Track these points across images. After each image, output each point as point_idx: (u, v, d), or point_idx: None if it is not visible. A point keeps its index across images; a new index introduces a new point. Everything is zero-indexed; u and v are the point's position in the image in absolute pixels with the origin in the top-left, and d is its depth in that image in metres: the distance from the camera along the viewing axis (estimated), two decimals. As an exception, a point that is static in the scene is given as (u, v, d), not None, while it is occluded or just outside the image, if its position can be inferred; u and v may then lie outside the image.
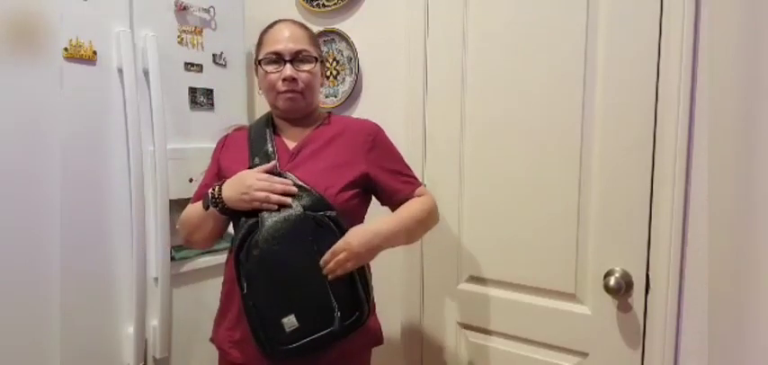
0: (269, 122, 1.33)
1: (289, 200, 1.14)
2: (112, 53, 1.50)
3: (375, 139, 1.30)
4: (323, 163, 1.24)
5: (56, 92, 1.40)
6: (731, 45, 1.11)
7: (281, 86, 1.25)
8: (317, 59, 1.30)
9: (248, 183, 1.16)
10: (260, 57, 1.29)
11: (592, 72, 1.34)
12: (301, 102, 1.28)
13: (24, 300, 1.37)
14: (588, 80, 1.34)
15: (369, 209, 1.32)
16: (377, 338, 1.31)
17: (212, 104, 1.77)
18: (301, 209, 1.14)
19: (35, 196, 1.38)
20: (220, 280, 1.32)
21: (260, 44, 1.32)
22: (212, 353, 1.32)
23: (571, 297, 1.42)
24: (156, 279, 1.58)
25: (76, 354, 1.46)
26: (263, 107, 2.09)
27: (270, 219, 1.14)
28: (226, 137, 1.39)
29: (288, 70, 1.24)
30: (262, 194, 1.15)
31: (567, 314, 1.42)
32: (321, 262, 1.12)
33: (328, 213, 1.16)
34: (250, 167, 1.23)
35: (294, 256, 1.13)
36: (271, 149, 1.26)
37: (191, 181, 1.67)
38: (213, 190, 1.21)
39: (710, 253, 1.19)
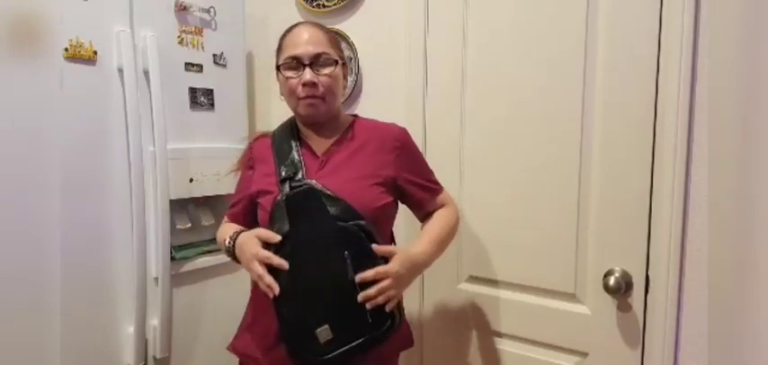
0: (293, 128, 1.32)
1: (276, 287, 1.11)
2: (113, 53, 1.50)
3: (403, 146, 1.29)
4: (353, 171, 1.22)
5: (56, 92, 1.40)
6: (731, 43, 1.11)
7: (300, 92, 1.22)
8: (337, 62, 1.25)
9: (247, 256, 1.16)
10: (279, 63, 1.26)
11: (591, 71, 1.34)
12: (322, 107, 1.24)
13: (24, 300, 1.37)
14: (588, 79, 1.34)
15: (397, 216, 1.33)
16: (408, 340, 1.33)
17: (212, 104, 1.77)
18: (333, 220, 1.13)
19: (35, 196, 1.38)
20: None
21: (279, 49, 1.29)
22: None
23: (571, 296, 1.42)
24: (157, 279, 1.58)
25: (76, 354, 1.46)
26: (261, 107, 2.10)
27: (302, 231, 1.14)
28: (251, 147, 1.38)
29: (307, 75, 1.21)
30: (255, 274, 1.15)
31: (567, 313, 1.42)
32: (357, 278, 1.09)
33: (359, 222, 1.13)
34: (280, 180, 1.21)
35: (326, 267, 1.12)
36: (297, 157, 1.25)
37: (191, 181, 1.67)
38: (229, 242, 1.24)
39: (710, 252, 1.19)
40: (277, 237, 1.14)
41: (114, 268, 1.54)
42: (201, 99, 1.74)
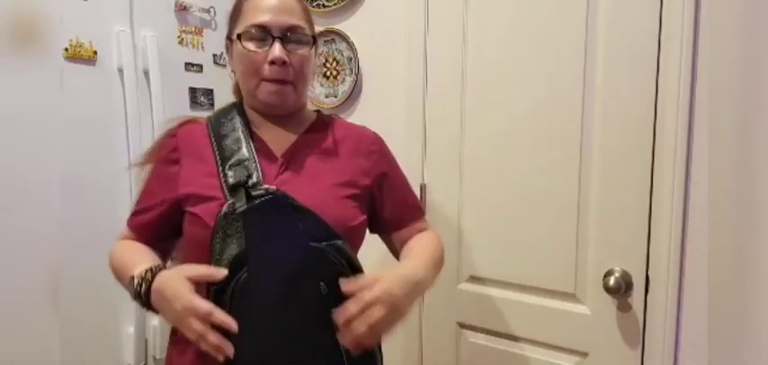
0: (241, 116, 1.04)
1: (230, 348, 0.82)
2: (113, 53, 1.50)
3: (381, 151, 1.10)
4: (324, 178, 1.00)
5: (56, 92, 1.40)
6: (731, 42, 1.11)
7: (266, 71, 0.97)
8: (313, 41, 1.03)
9: (176, 311, 0.83)
10: (239, 31, 0.99)
11: (591, 71, 1.34)
12: (291, 95, 1.01)
13: (24, 300, 1.37)
14: (588, 79, 1.34)
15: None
16: None
17: (213, 104, 1.77)
18: (304, 239, 0.89)
19: (35, 196, 1.38)
20: None
21: (237, 12, 1.02)
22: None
23: (571, 296, 1.42)
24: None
25: (76, 354, 1.46)
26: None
27: (264, 254, 0.88)
28: (175, 134, 1.05)
29: (276, 50, 0.95)
30: (192, 334, 0.83)
31: (567, 313, 1.42)
32: (338, 316, 0.83)
33: (336, 242, 0.91)
34: (229, 185, 0.92)
35: (294, 302, 0.87)
36: (248, 155, 0.96)
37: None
38: (140, 283, 0.90)
39: (710, 252, 1.19)
40: (221, 274, 0.85)
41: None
42: (202, 99, 1.74)
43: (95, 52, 1.46)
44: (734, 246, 1.14)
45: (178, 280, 0.85)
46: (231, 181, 0.92)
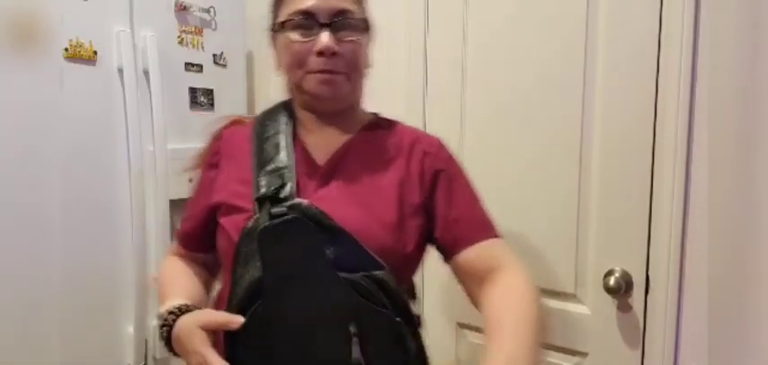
0: (288, 116, 0.92)
1: None
2: (113, 53, 1.50)
3: (444, 163, 0.92)
4: (370, 193, 0.84)
5: (56, 92, 1.40)
6: (731, 42, 1.11)
7: (313, 63, 0.84)
8: (364, 25, 0.90)
9: (188, 352, 0.76)
10: (282, 20, 0.87)
11: (591, 71, 1.34)
12: (344, 88, 0.86)
13: (25, 300, 1.37)
14: (588, 79, 1.34)
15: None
16: None
17: (212, 104, 1.77)
18: (330, 269, 0.74)
19: (35, 196, 1.38)
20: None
21: (279, 1, 0.91)
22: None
23: (571, 296, 1.42)
24: (157, 278, 1.58)
25: (76, 354, 1.46)
26: (262, 107, 2.09)
27: (279, 280, 0.75)
28: (220, 136, 0.98)
29: (324, 39, 0.82)
30: None
31: (567, 313, 1.42)
32: None
33: (376, 273, 0.75)
34: (257, 196, 0.81)
35: (317, 350, 0.74)
36: (286, 161, 0.84)
37: (190, 181, 1.67)
38: (163, 326, 0.81)
39: (710, 252, 1.19)
40: (236, 323, 0.74)
41: (114, 268, 1.54)
42: (201, 99, 1.74)
43: (95, 52, 1.46)
44: (734, 246, 1.14)
45: (192, 331, 0.75)
46: (262, 190, 0.81)
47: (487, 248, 0.87)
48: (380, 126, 0.95)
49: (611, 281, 1.31)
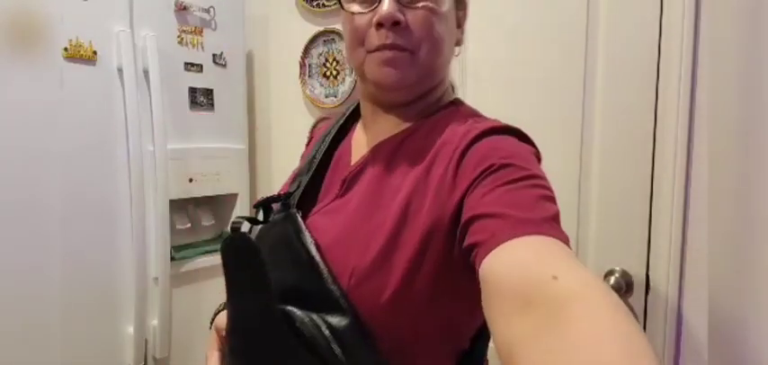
0: (353, 111, 0.82)
1: None
2: (112, 53, 1.50)
3: (469, 150, 0.63)
4: (364, 218, 0.65)
5: (56, 92, 1.39)
6: (731, 42, 1.11)
7: (373, 39, 0.66)
8: None
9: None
10: None
11: (592, 71, 1.34)
12: (410, 69, 0.67)
13: (25, 300, 1.37)
14: (588, 79, 1.34)
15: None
16: None
17: (212, 104, 1.77)
18: (267, 296, 0.61)
19: (35, 195, 1.38)
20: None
21: None
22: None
23: (571, 297, 1.42)
24: (156, 279, 1.58)
25: (76, 354, 1.46)
26: (261, 107, 2.10)
27: (230, 302, 0.67)
28: (311, 135, 0.93)
29: (385, 6, 0.64)
30: None
31: (567, 314, 1.42)
32: None
33: (329, 318, 0.59)
34: (255, 204, 0.75)
35: None
36: (306, 167, 0.76)
37: (190, 181, 1.67)
38: (212, 318, 0.76)
39: (710, 253, 1.19)
40: (222, 329, 0.70)
41: (114, 268, 1.54)
42: (201, 99, 1.74)
43: (95, 52, 1.46)
44: (734, 246, 1.14)
45: (212, 331, 0.73)
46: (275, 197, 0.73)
47: (532, 250, 0.48)
48: (443, 117, 0.71)
49: (612, 281, 1.31)
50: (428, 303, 0.61)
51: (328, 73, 1.83)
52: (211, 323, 0.75)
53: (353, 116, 0.82)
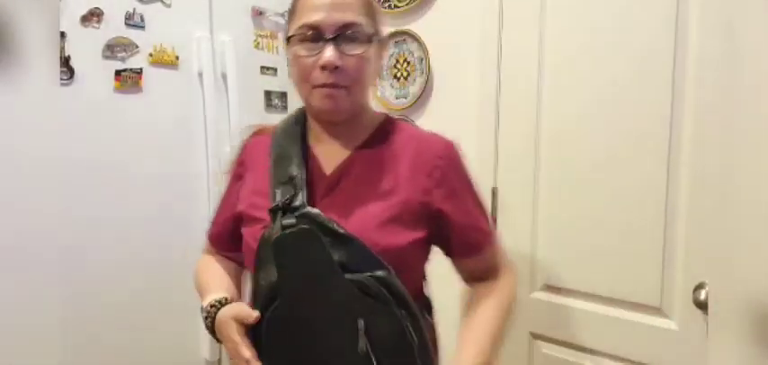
0: (302, 125, 0.98)
1: None
2: (193, 58, 1.57)
3: (447, 170, 0.93)
4: (371, 198, 0.89)
5: (138, 95, 1.47)
6: None
7: (317, 77, 0.86)
8: (372, 37, 0.90)
9: (229, 350, 0.89)
10: (291, 33, 0.90)
11: (681, 64, 1.24)
12: (345, 101, 0.89)
13: (112, 294, 1.45)
14: (677, 73, 1.24)
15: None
16: None
17: (286, 107, 1.81)
18: (338, 273, 0.81)
19: (119, 197, 1.46)
20: None
21: (292, 12, 0.92)
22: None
23: (656, 310, 1.31)
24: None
25: (156, 348, 1.54)
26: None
27: (291, 284, 0.84)
28: (244, 147, 1.05)
29: (327, 54, 0.84)
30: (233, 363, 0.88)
31: (651, 328, 1.32)
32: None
33: (379, 273, 0.82)
34: (270, 209, 0.88)
35: (329, 343, 0.83)
36: (296, 172, 0.90)
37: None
38: (207, 318, 0.91)
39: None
40: (252, 317, 0.85)
41: (192, 265, 1.58)
42: (276, 101, 1.78)
43: (177, 57, 1.53)
44: None
45: (227, 322, 0.86)
46: (277, 199, 0.88)
47: (490, 257, 0.99)
48: (389, 130, 0.97)
49: (702, 295, 1.20)
50: (419, 254, 0.93)
51: (399, 74, 1.81)
52: (212, 322, 0.89)
53: (296, 124, 0.98)
